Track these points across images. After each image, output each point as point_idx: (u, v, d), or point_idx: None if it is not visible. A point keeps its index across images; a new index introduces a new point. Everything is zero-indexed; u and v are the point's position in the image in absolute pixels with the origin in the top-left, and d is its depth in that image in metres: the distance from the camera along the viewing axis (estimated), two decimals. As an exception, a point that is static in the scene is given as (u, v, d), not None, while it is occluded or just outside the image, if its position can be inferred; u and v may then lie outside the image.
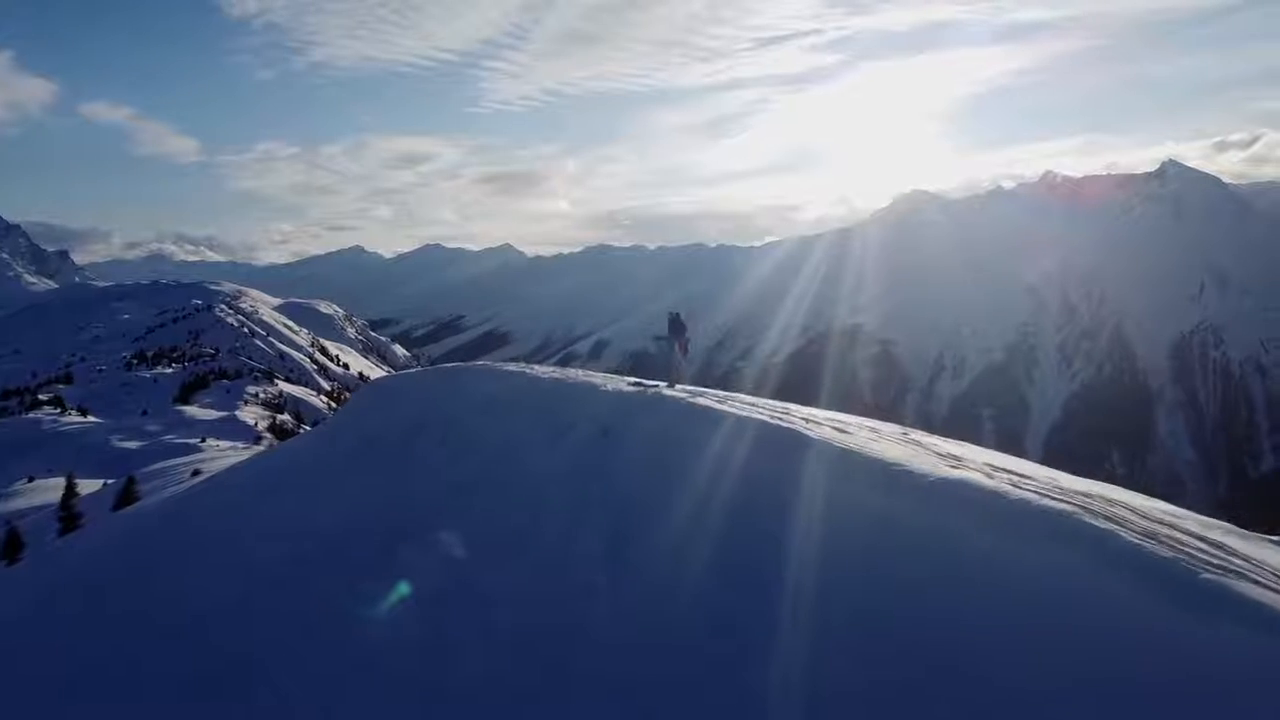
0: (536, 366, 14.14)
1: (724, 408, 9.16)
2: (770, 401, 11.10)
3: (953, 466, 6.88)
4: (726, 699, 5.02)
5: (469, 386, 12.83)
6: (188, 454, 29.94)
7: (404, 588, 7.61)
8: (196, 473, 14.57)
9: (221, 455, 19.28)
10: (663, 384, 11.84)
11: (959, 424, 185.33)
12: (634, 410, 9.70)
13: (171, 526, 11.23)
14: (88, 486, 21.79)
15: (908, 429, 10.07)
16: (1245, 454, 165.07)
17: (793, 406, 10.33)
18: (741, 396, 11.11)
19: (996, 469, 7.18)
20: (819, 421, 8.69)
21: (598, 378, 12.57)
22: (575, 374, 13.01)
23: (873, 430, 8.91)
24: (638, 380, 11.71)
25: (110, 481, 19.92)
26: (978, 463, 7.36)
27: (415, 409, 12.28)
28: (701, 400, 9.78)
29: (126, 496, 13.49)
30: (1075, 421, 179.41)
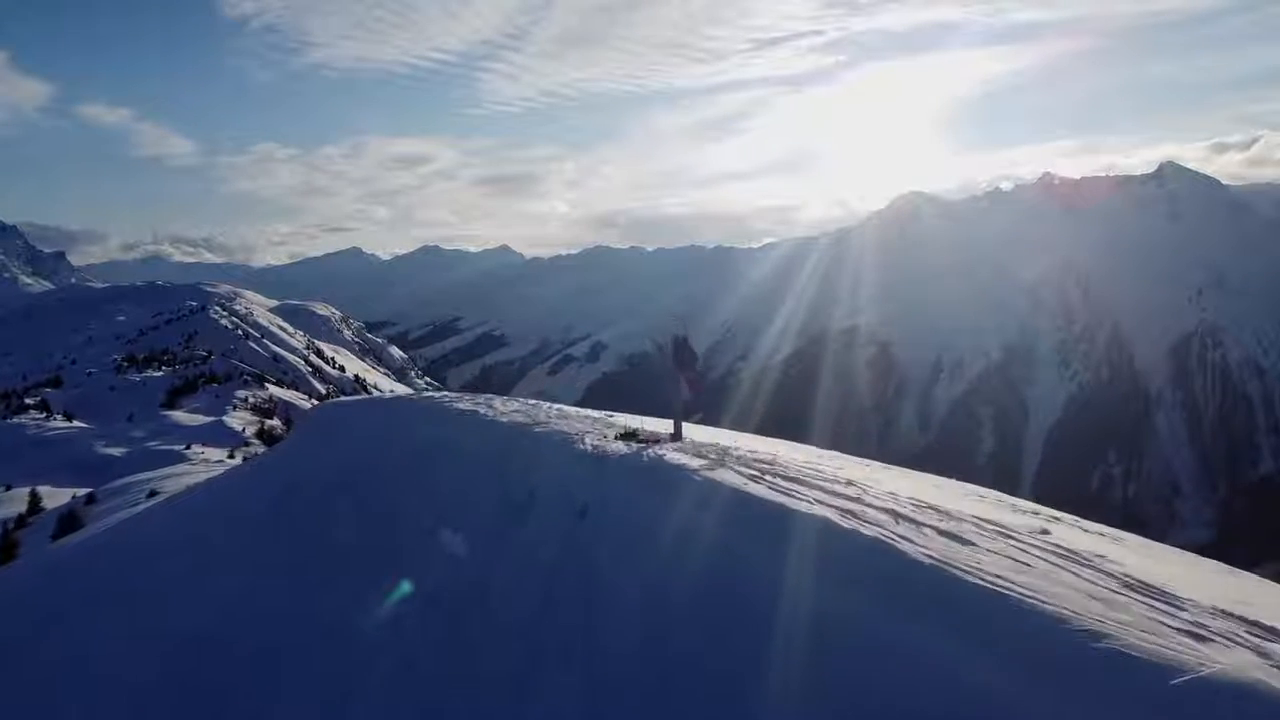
0: (497, 401, 11.57)
1: (759, 491, 6.11)
2: (833, 466, 7.65)
3: (1194, 633, 3.71)
4: None
5: (405, 431, 10.36)
6: (171, 462, 29.34)
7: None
8: (153, 494, 13.98)
9: (191, 471, 18.72)
10: (665, 434, 9.15)
11: (957, 425, 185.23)
12: (622, 484, 7.00)
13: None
14: (62, 497, 21.21)
15: (1041, 514, 6.80)
16: (1243, 456, 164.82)
17: (869, 482, 6.88)
18: (783, 457, 7.82)
19: (1260, 629, 3.90)
20: (915, 518, 5.41)
21: (575, 419, 10.19)
22: (547, 411, 10.67)
23: (1001, 530, 5.36)
24: (630, 430, 9.05)
25: (78, 494, 19.35)
26: (1204, 605, 4.17)
27: (333, 462, 10.00)
28: (725, 476, 6.54)
29: (69, 523, 12.88)
30: (1073, 422, 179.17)
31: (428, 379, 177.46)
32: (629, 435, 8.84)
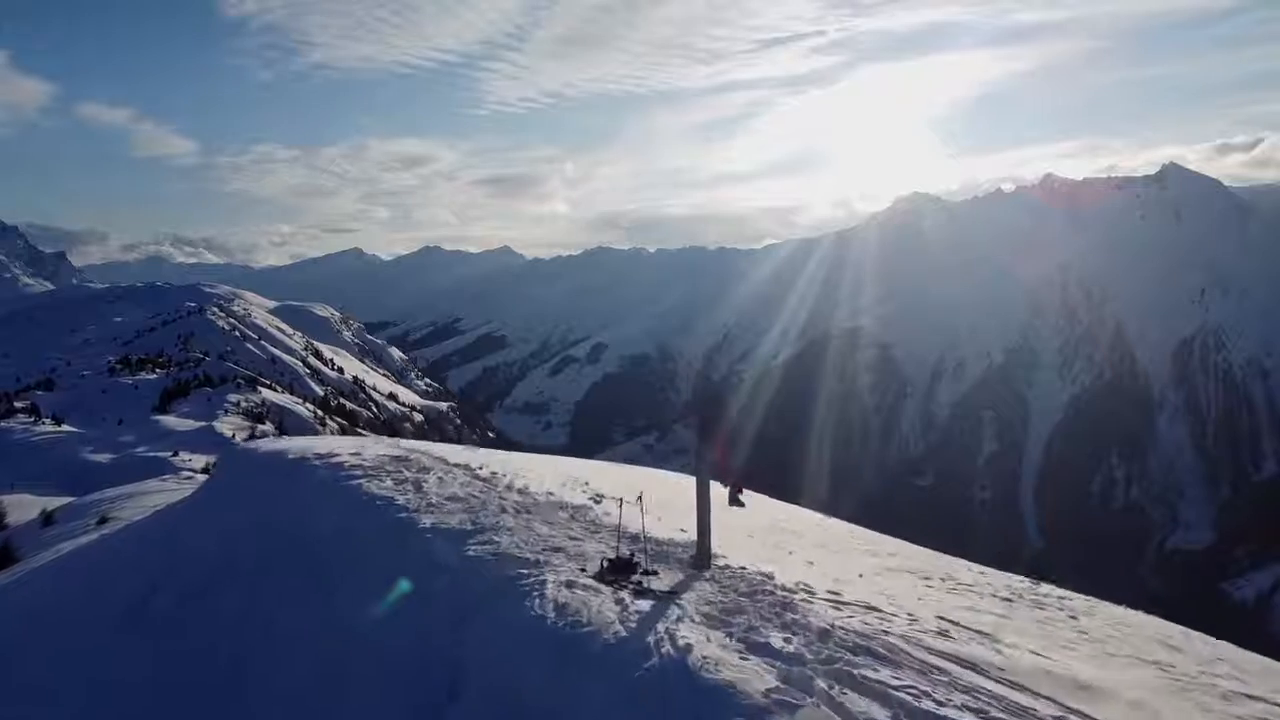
0: (432, 478, 8.62)
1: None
2: (983, 644, 5.00)
3: None
4: None
5: (281, 535, 7.65)
6: (156, 470, 28.80)
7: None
8: (103, 520, 13.34)
9: (162, 489, 17.98)
10: (681, 546, 6.68)
11: (959, 427, 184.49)
12: (610, 714, 3.87)
13: None
14: (33, 509, 20.61)
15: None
16: (1246, 458, 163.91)
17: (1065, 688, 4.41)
18: (896, 628, 4.97)
19: None
20: None
21: (543, 510, 7.41)
22: (501, 497, 7.74)
23: None
24: (624, 557, 5.92)
25: (48, 508, 18.75)
26: None
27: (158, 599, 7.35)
28: (792, 700, 3.67)
29: (3, 557, 12.28)
30: (1075, 425, 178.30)
31: (427, 380, 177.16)
32: (622, 567, 5.71)
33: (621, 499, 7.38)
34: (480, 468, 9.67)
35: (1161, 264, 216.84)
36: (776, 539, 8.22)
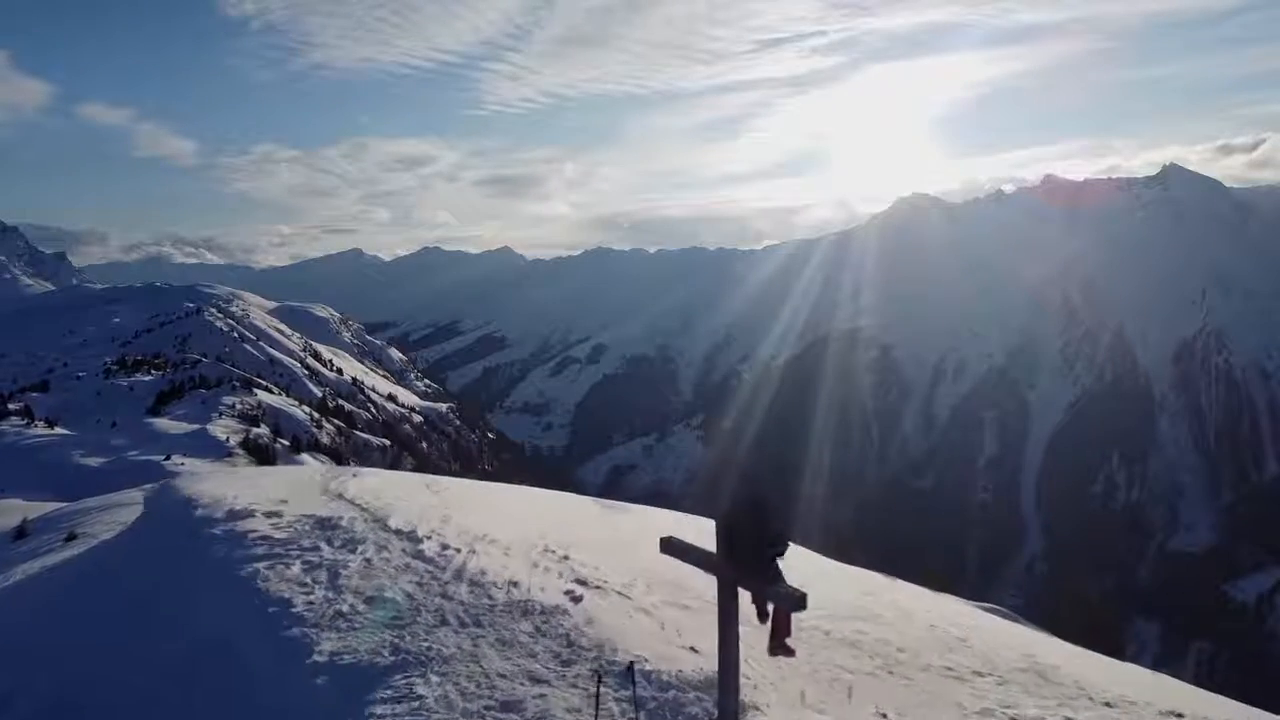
0: (369, 549, 7.26)
1: None
2: None
3: None
4: None
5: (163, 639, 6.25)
6: (147, 473, 28.44)
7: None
8: (71, 537, 12.98)
9: (136, 500, 17.63)
10: (693, 676, 5.14)
11: (959, 428, 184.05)
12: None
13: None
14: (15, 516, 20.28)
15: None
16: (1249, 460, 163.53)
17: None
18: None
19: None
20: None
21: (503, 615, 5.68)
22: (454, 573, 6.41)
23: None
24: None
25: (29, 517, 18.41)
26: None
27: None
28: None
29: None
30: (1076, 426, 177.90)
31: (427, 381, 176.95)
32: None
33: (599, 672, 5.04)
34: (428, 538, 7.62)
35: (1162, 265, 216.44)
36: (827, 657, 6.14)
